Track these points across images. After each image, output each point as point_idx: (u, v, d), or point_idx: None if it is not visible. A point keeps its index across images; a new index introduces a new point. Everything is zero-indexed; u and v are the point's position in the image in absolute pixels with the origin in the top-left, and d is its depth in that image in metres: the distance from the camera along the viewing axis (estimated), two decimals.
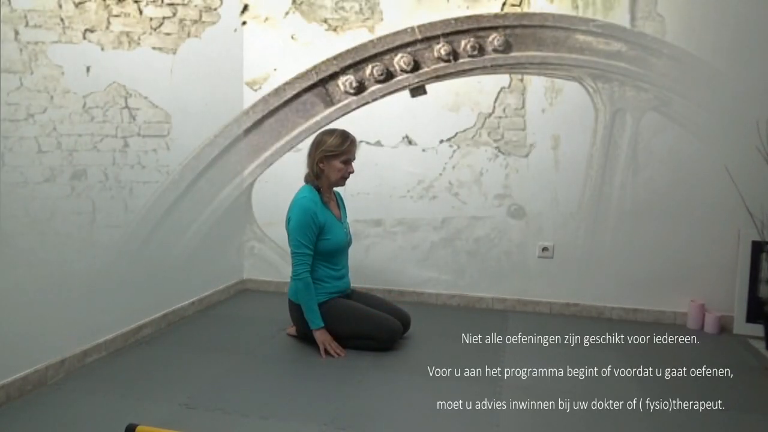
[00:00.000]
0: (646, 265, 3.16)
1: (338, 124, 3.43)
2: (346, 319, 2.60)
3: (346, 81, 3.39)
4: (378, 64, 3.34)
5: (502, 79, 3.23)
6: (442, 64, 3.28)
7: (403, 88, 3.34)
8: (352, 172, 2.68)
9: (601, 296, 3.24)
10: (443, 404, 2.08)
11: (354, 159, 2.68)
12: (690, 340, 2.87)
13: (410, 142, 3.38)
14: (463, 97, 3.28)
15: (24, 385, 2.08)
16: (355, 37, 3.36)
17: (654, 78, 3.06)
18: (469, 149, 3.31)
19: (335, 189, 2.80)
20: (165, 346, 2.63)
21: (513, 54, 3.20)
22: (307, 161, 2.67)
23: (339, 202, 2.85)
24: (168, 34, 2.83)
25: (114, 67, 2.50)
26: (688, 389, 2.27)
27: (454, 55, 3.26)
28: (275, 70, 3.49)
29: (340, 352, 2.54)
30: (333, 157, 2.59)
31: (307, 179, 2.68)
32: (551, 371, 2.42)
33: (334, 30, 3.39)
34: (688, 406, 2.11)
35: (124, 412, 1.96)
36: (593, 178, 3.19)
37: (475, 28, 3.21)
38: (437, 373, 2.36)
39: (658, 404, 2.12)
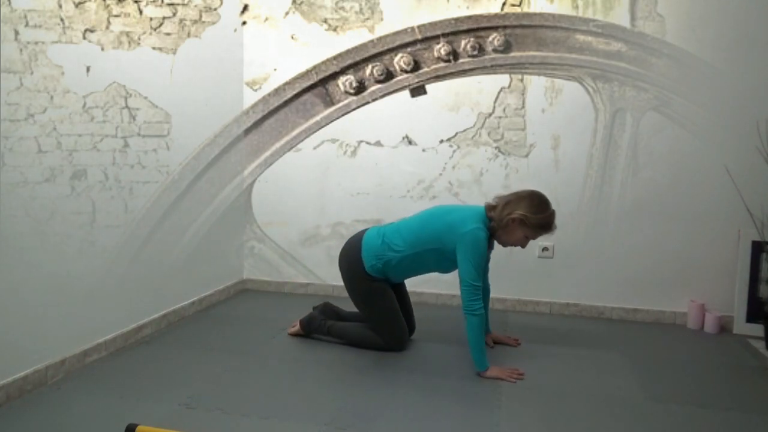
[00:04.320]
0: (646, 265, 3.16)
1: (338, 124, 3.44)
2: (377, 306, 2.56)
3: (346, 81, 3.39)
4: (378, 64, 3.34)
5: (502, 79, 3.23)
6: (442, 64, 3.28)
7: (403, 88, 3.34)
8: (523, 247, 2.49)
9: (601, 296, 3.24)
10: (443, 404, 2.08)
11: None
12: (690, 340, 2.87)
13: (410, 142, 3.38)
14: (463, 97, 3.28)
15: (24, 385, 2.08)
16: (355, 37, 3.36)
17: (654, 78, 3.06)
18: (469, 149, 3.31)
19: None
20: (165, 346, 2.63)
21: (513, 54, 3.20)
22: (502, 201, 2.39)
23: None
24: (168, 34, 2.83)
25: (114, 67, 2.50)
26: (688, 389, 2.27)
27: (454, 55, 3.26)
28: (275, 70, 3.49)
29: (520, 372, 2.37)
30: (527, 227, 2.35)
31: (488, 214, 2.40)
32: (551, 371, 2.42)
33: (334, 30, 3.39)
34: (689, 406, 2.11)
35: (124, 412, 1.96)
36: (593, 178, 3.19)
37: (475, 28, 3.21)
38: (437, 373, 2.37)
39: (658, 404, 2.13)
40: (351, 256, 2.59)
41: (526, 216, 2.32)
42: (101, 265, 2.47)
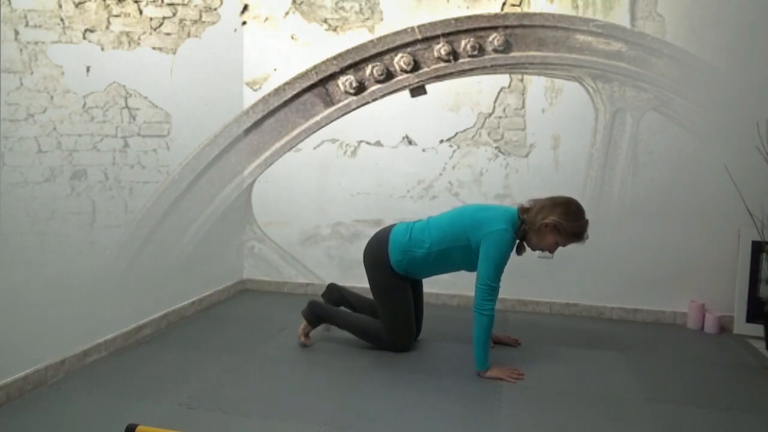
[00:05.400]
0: (646, 265, 3.16)
1: (338, 124, 3.44)
2: (394, 305, 2.54)
3: (346, 81, 3.39)
4: (378, 64, 3.34)
5: (502, 79, 3.23)
6: (442, 64, 3.28)
7: (403, 88, 3.34)
8: (552, 253, 2.44)
9: (601, 296, 3.24)
10: (443, 404, 2.08)
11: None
12: (690, 340, 2.87)
13: (410, 142, 3.38)
14: (463, 97, 3.28)
15: (24, 385, 2.08)
16: (355, 37, 3.36)
17: (654, 78, 3.06)
18: (469, 149, 3.31)
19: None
20: (165, 346, 2.63)
21: (513, 54, 3.20)
22: (537, 205, 2.35)
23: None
24: (168, 34, 2.83)
25: (114, 67, 2.50)
26: (688, 389, 2.27)
27: (454, 55, 3.26)
28: (275, 70, 3.49)
29: (520, 372, 2.37)
30: (560, 234, 2.32)
31: (521, 216, 2.37)
32: (551, 371, 2.42)
33: (334, 30, 3.39)
34: (689, 406, 2.11)
35: (124, 412, 1.96)
36: (593, 178, 3.19)
37: (475, 28, 3.21)
38: (437, 373, 2.37)
39: (658, 404, 2.13)
40: (377, 250, 2.58)
41: (560, 223, 2.28)
42: (101, 265, 2.47)
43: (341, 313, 2.70)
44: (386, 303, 2.58)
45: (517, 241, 2.40)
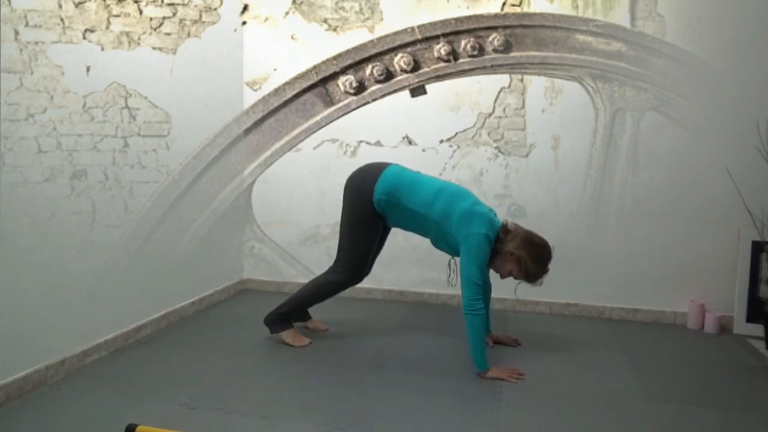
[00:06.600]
0: (646, 265, 3.16)
1: (338, 124, 3.44)
2: (360, 235, 2.56)
3: (346, 81, 3.39)
4: (378, 64, 3.34)
5: (502, 79, 3.23)
6: (442, 64, 3.28)
7: (403, 88, 3.34)
8: (501, 278, 2.50)
9: (601, 296, 3.24)
10: (443, 404, 2.08)
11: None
12: (690, 340, 2.87)
13: (410, 142, 3.38)
14: (463, 97, 3.29)
15: (24, 385, 2.08)
16: (355, 37, 3.36)
17: (654, 78, 3.06)
18: (469, 149, 3.31)
19: None
20: (165, 346, 2.63)
21: (513, 54, 3.20)
22: (514, 232, 2.39)
23: None
24: (168, 34, 2.83)
25: (114, 67, 2.50)
26: (688, 389, 2.28)
27: (454, 55, 3.26)
28: (275, 70, 3.49)
29: (520, 372, 2.39)
30: (518, 268, 2.37)
31: (501, 234, 2.40)
32: (551, 371, 2.42)
33: (334, 30, 3.39)
34: (689, 406, 2.11)
35: (124, 412, 1.96)
36: (593, 178, 3.19)
37: (475, 28, 3.21)
38: (437, 373, 2.37)
39: (658, 404, 2.13)
40: (364, 181, 2.54)
41: (525, 259, 2.34)
42: (101, 265, 2.47)
43: (289, 300, 2.71)
44: (352, 234, 2.58)
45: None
